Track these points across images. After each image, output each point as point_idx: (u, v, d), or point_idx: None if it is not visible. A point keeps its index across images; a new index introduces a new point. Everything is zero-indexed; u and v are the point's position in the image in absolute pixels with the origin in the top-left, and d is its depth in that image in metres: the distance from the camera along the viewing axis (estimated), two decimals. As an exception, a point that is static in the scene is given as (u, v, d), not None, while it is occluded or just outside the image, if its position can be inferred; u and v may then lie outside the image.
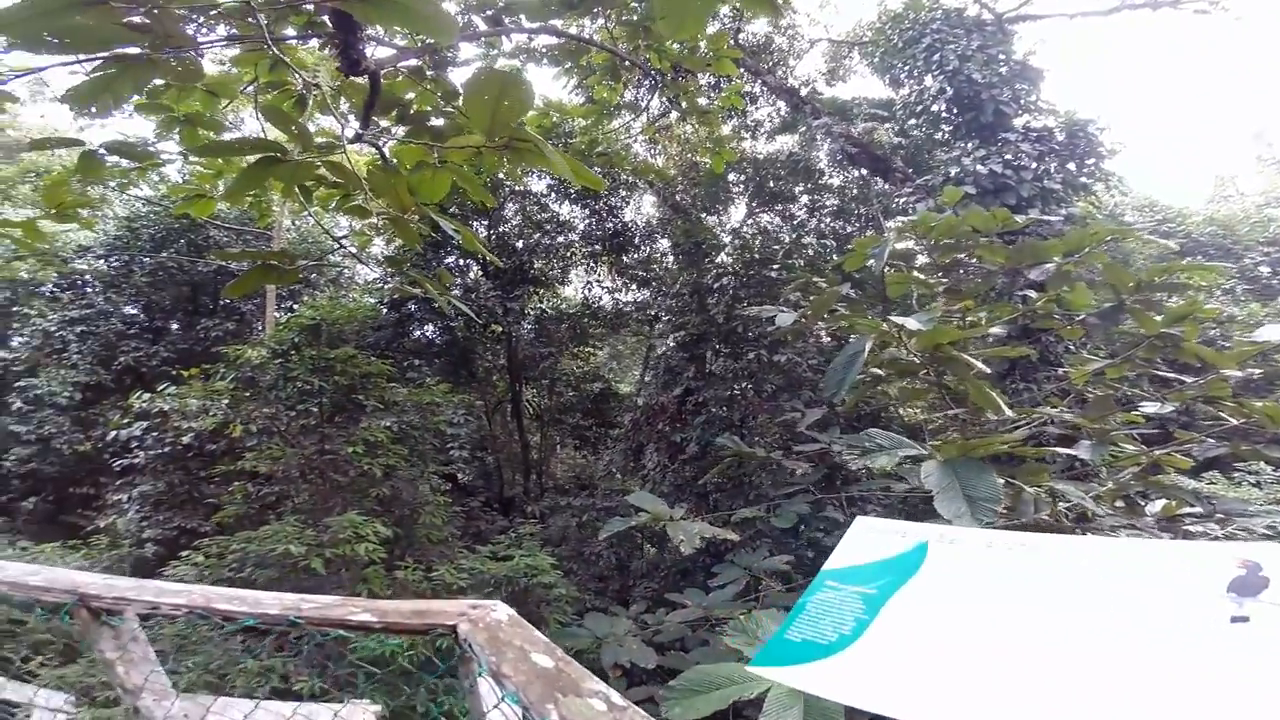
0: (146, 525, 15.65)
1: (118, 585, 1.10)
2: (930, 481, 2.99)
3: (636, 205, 18.72)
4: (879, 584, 1.11)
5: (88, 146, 2.93)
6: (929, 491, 5.08)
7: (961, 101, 11.83)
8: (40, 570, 1.17)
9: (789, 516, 5.36)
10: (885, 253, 4.65)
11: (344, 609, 1.02)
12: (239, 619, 1.03)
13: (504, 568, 9.56)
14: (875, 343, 3.73)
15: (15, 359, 22.12)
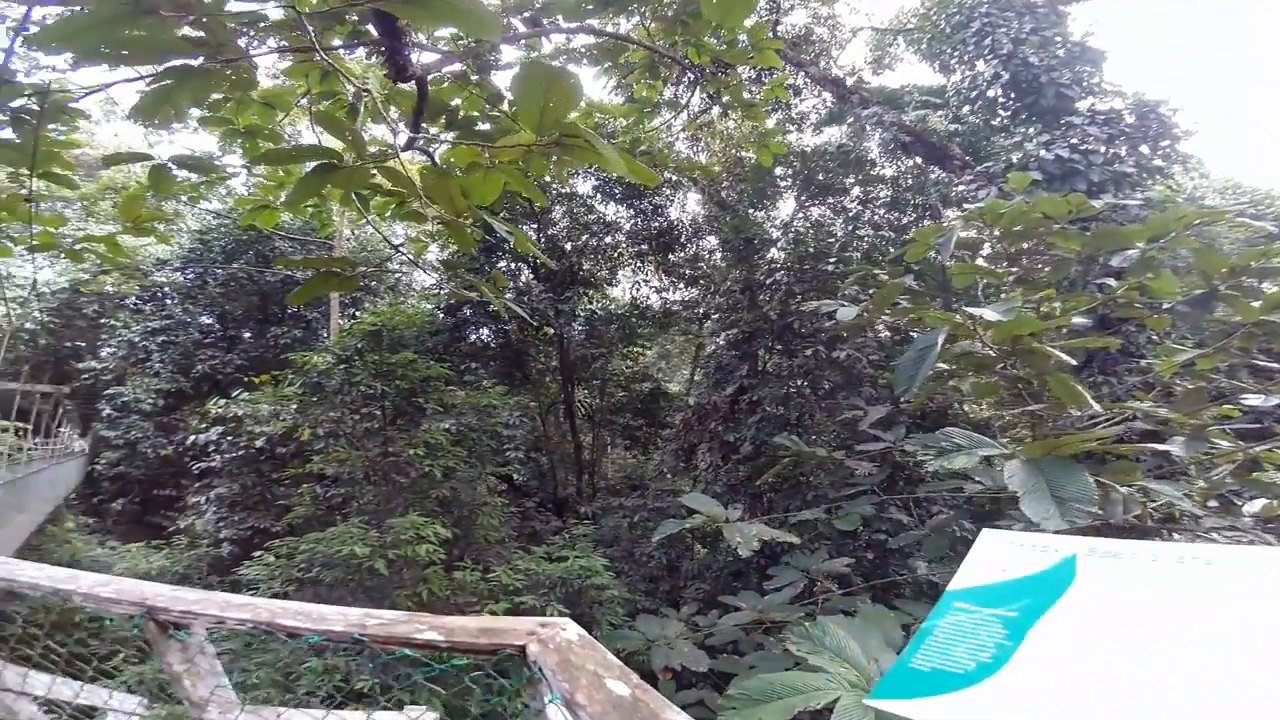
0: (223, 525, 16.53)
1: (184, 598, 1.09)
2: (1014, 482, 2.78)
3: (681, 203, 18.62)
4: (1020, 605, 0.98)
5: (157, 161, 3.03)
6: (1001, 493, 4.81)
7: (1019, 86, 11.35)
8: (111, 581, 1.17)
9: (852, 519, 5.15)
10: (951, 242, 4.40)
11: (409, 626, 0.97)
12: (303, 635, 0.99)
13: (558, 569, 9.61)
14: (946, 336, 3.52)
15: (104, 369, 23.78)
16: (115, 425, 22.26)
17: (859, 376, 9.08)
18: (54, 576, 1.21)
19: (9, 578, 1.23)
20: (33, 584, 1.19)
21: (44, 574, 1.24)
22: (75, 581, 1.19)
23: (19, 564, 1.30)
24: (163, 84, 1.72)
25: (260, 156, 2.11)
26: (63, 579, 1.21)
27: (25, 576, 1.21)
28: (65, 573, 1.24)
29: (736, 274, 13.35)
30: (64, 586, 1.16)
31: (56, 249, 4.13)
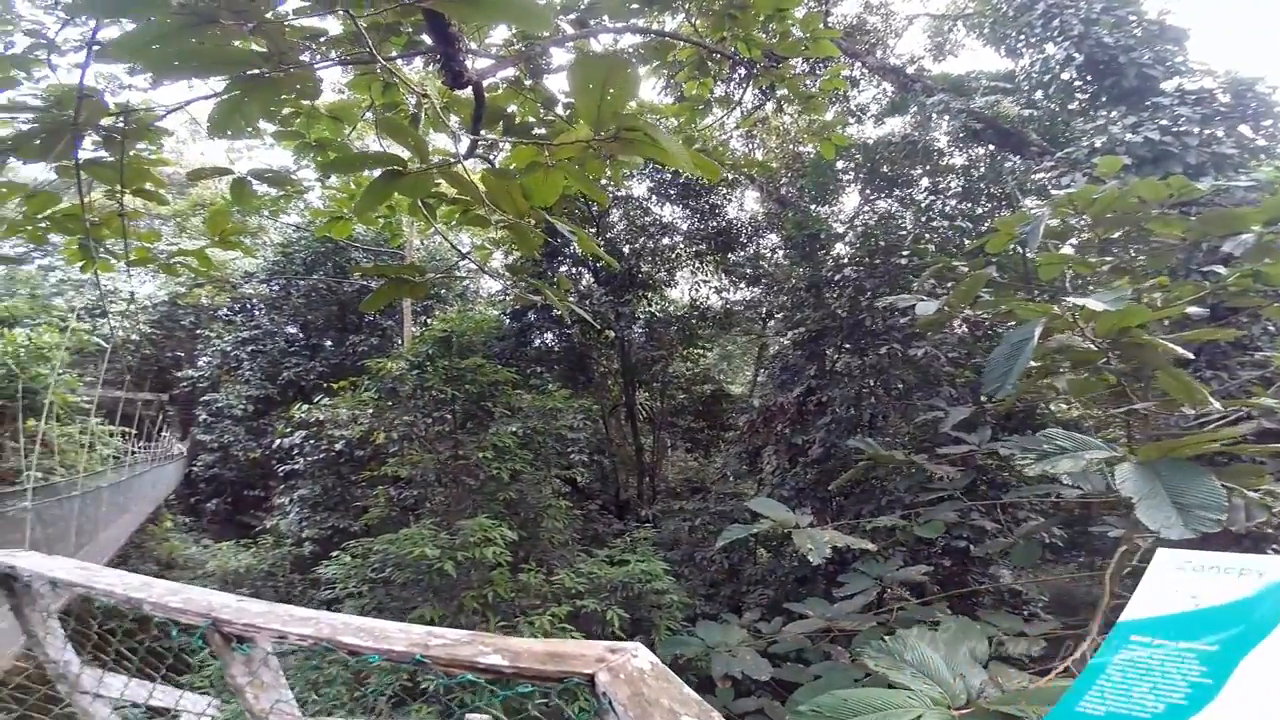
0: (305, 525, 17.39)
1: (249, 610, 1.07)
2: (1128, 487, 2.51)
3: (739, 202, 18.33)
4: (1221, 637, 0.82)
5: (237, 175, 3.16)
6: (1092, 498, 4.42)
7: (1095, 68, 10.75)
8: (180, 590, 1.17)
9: (935, 525, 4.85)
10: (1039, 231, 4.10)
11: (473, 648, 0.90)
12: (365, 654, 0.94)
13: (619, 573, 9.58)
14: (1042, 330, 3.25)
15: (201, 376, 25.57)
16: (210, 430, 23.88)
17: (936, 376, 8.62)
18: (128, 584, 1.22)
19: (86, 584, 1.25)
20: (108, 591, 1.20)
21: (120, 581, 1.25)
22: (147, 590, 1.19)
23: (97, 571, 1.33)
24: (232, 95, 1.75)
25: (329, 164, 2.15)
26: (136, 586, 1.21)
27: (102, 583, 1.23)
28: (139, 580, 1.25)
29: (800, 271, 12.98)
30: (136, 595, 1.17)
31: (152, 263, 4.39)
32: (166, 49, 1.44)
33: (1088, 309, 2.87)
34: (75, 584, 1.28)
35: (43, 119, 2.25)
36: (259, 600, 1.14)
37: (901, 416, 9.50)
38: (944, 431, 5.46)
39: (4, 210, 3.34)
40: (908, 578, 5.18)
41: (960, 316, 6.80)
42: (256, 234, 21.18)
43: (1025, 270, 5.35)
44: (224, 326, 26.01)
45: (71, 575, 1.30)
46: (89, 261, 3.89)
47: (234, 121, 1.80)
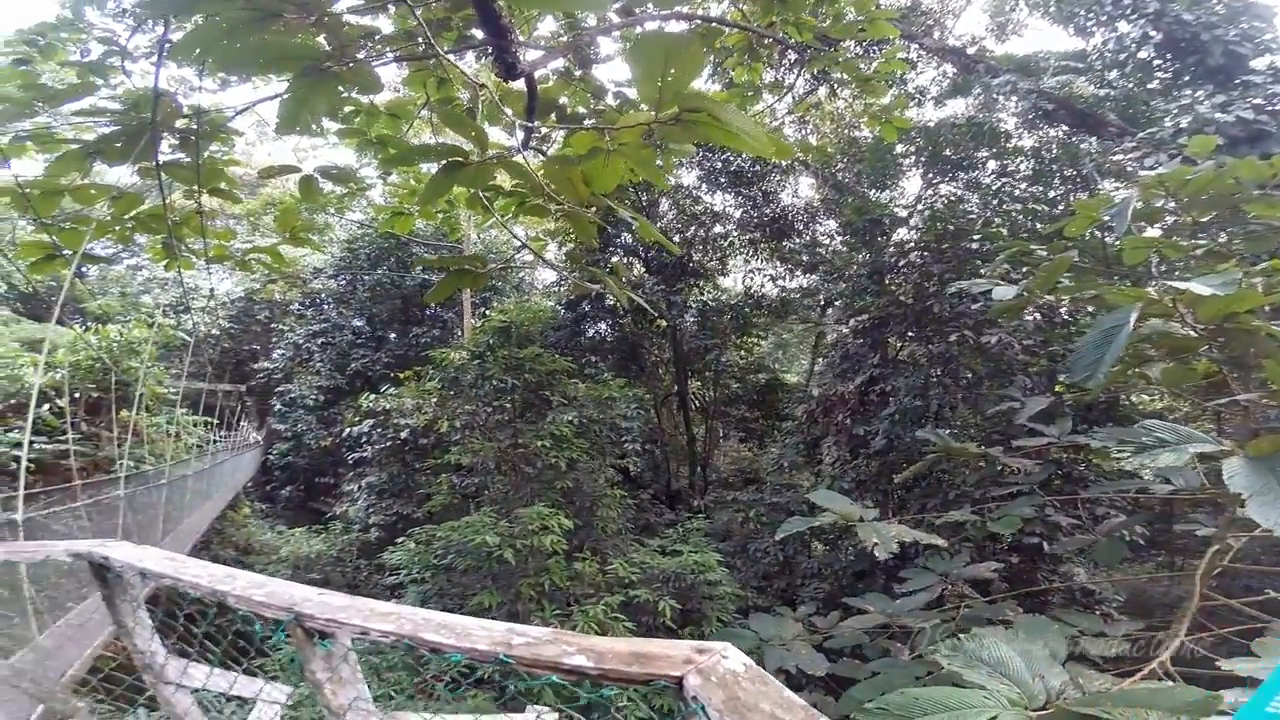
0: (372, 512, 18.11)
1: (331, 604, 1.07)
2: (1237, 482, 2.30)
3: (793, 188, 17.89)
4: None
5: (305, 173, 3.26)
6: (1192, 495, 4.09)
7: (1175, 46, 10.27)
8: (265, 584, 1.18)
9: (1010, 520, 4.60)
10: (1127, 213, 3.83)
11: (556, 647, 0.87)
12: (446, 653, 0.92)
13: (672, 564, 9.57)
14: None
15: (275, 368, 26.91)
16: (285, 419, 25.12)
17: (1009, 364, 8.18)
18: (214, 575, 1.24)
19: (175, 576, 1.28)
20: (194, 583, 1.23)
21: (205, 573, 1.28)
22: (232, 582, 1.21)
23: (184, 562, 1.36)
24: (298, 91, 1.77)
25: (394, 158, 2.18)
26: (221, 578, 1.24)
27: (189, 575, 1.26)
28: (223, 572, 1.28)
29: (860, 258, 12.57)
30: (221, 587, 1.19)
31: (229, 260, 4.61)
32: (233, 44, 1.47)
33: (1191, 293, 2.63)
34: (164, 575, 1.31)
35: (122, 120, 2.35)
36: (339, 594, 1.14)
37: (970, 408, 9.09)
38: (1019, 423, 5.18)
39: (92, 212, 3.53)
40: (975, 574, 4.96)
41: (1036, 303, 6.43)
42: (324, 231, 22.04)
43: (1105, 255, 5.04)
44: (295, 320, 27.27)
45: (160, 566, 1.34)
46: (172, 259, 4.11)
47: (300, 117, 1.82)
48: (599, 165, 2.05)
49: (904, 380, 9.22)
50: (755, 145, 1.74)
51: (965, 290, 4.86)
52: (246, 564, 16.36)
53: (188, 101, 2.86)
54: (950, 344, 8.39)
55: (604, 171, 2.05)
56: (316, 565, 17.28)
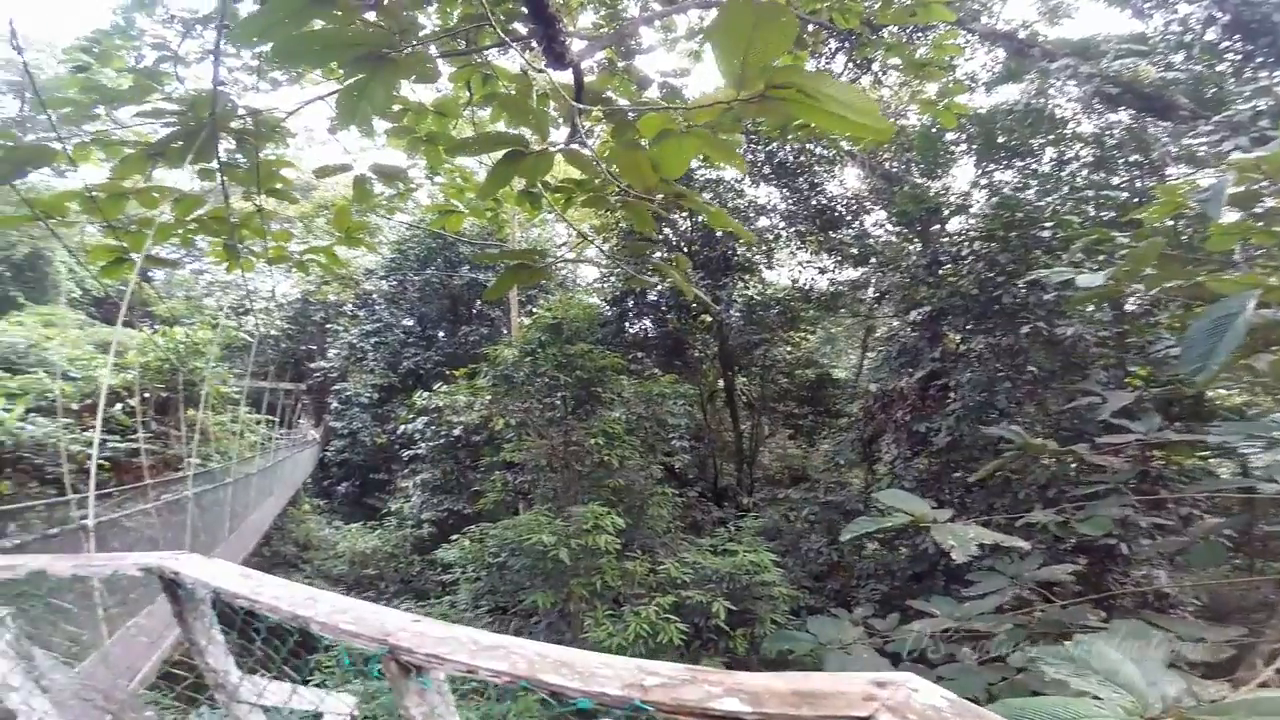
0: (425, 508, 18.47)
1: (429, 635, 0.96)
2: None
3: (839, 179, 17.40)
4: None
5: (358, 172, 3.24)
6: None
7: (1245, 27, 9.78)
8: (349, 607, 1.09)
9: (1100, 522, 4.28)
10: (1223, 197, 3.53)
11: (698, 689, 0.74)
12: (570, 697, 0.79)
13: (726, 563, 9.34)
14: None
15: (331, 367, 27.76)
16: (341, 416, 25.88)
17: (1081, 358, 7.69)
18: (294, 598, 1.15)
19: (251, 597, 1.20)
20: (273, 606, 1.15)
21: (285, 594, 1.20)
22: (314, 606, 1.11)
23: (261, 580, 1.28)
24: (356, 80, 1.69)
25: (455, 146, 2.11)
26: (301, 601, 1.14)
27: (266, 597, 1.17)
28: (304, 594, 1.18)
29: (914, 248, 12.11)
30: (302, 612, 1.10)
31: (287, 261, 4.67)
32: (292, 30, 1.40)
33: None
34: (239, 595, 1.23)
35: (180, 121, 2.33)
36: (433, 622, 1.03)
37: (1037, 403, 8.62)
38: (1098, 419, 4.83)
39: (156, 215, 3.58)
40: (1050, 577, 4.66)
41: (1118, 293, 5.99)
42: (375, 233, 22.61)
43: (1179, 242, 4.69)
44: (349, 321, 28.08)
45: (235, 585, 1.26)
46: (233, 261, 4.17)
47: (359, 109, 1.74)
48: (669, 148, 1.90)
49: (970, 375, 8.77)
50: (859, 123, 1.54)
51: (1042, 279, 4.53)
52: (306, 559, 16.95)
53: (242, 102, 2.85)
54: (1020, 336, 7.92)
55: (674, 155, 1.90)
56: (372, 560, 17.73)
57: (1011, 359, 8.48)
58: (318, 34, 1.50)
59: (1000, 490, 8.21)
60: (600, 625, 8.48)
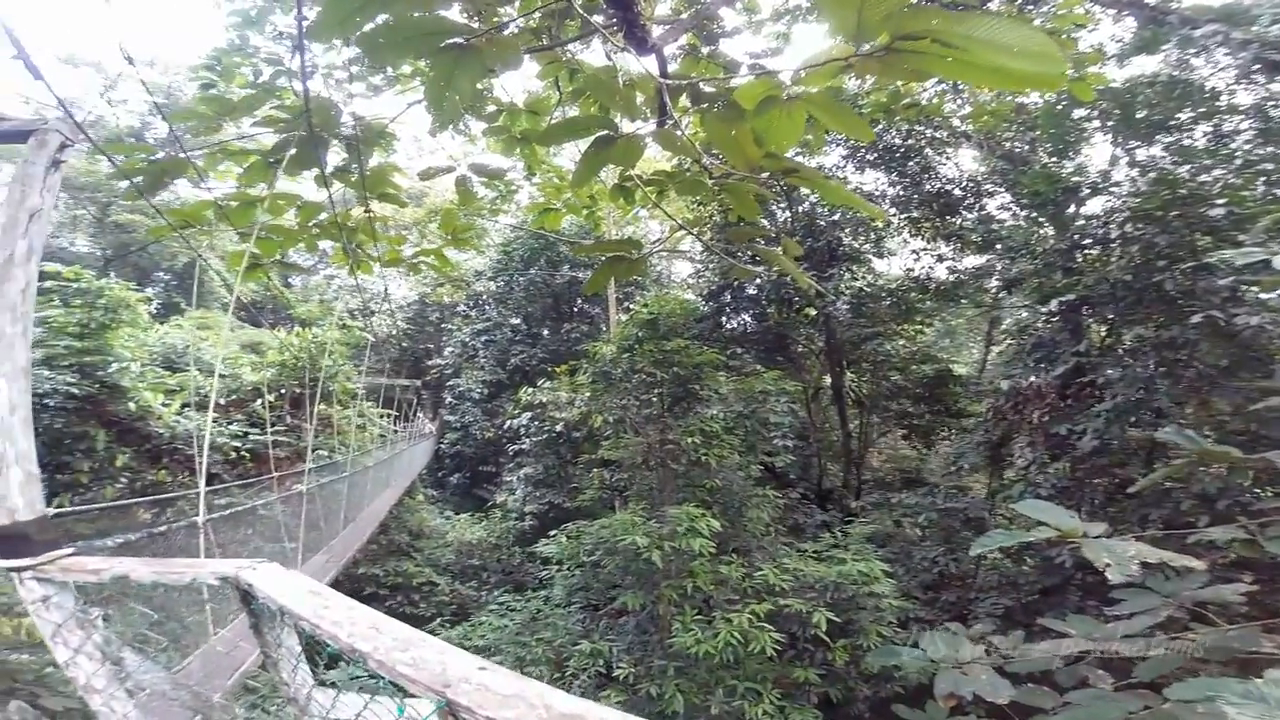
0: (528, 501, 19.08)
1: (493, 691, 0.83)
2: None
3: (955, 161, 16.07)
4: None
5: (460, 172, 3.26)
6: None
7: None
8: (413, 645, 0.99)
9: (1293, 540, 3.56)
10: None
11: None
12: None
13: (832, 572, 8.82)
14: None
15: (446, 365, 29.43)
16: (454, 411, 27.39)
17: (1264, 351, 6.55)
18: (355, 628, 1.08)
19: (313, 620, 1.14)
20: (333, 634, 1.07)
21: (347, 619, 1.13)
22: (375, 638, 1.03)
23: (327, 600, 1.21)
24: (441, 70, 1.63)
25: (546, 133, 2.03)
26: (364, 632, 1.06)
27: (327, 623, 1.11)
28: (367, 623, 1.09)
29: (1046, 231, 10.95)
30: (361, 646, 1.01)
31: (401, 263, 4.86)
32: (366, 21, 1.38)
33: None
34: (302, 618, 1.18)
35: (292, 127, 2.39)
36: (501, 674, 0.90)
37: (1199, 403, 7.47)
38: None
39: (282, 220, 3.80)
40: (1215, 598, 3.95)
41: None
42: (481, 235, 23.68)
43: None
44: (462, 320, 29.70)
45: (301, 604, 1.21)
46: (352, 264, 4.38)
47: (447, 100, 1.68)
48: (775, 119, 1.68)
49: (1120, 371, 7.72)
50: (1026, 72, 1.24)
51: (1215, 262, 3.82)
52: (417, 547, 17.96)
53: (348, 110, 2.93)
54: (1186, 327, 6.84)
55: (782, 126, 1.68)
56: (477, 551, 18.54)
57: (1173, 353, 7.38)
58: (396, 24, 1.44)
59: (1157, 501, 7.19)
60: (688, 630, 8.28)
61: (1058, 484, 8.50)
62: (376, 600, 15.00)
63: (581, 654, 9.34)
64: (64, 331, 8.92)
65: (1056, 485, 8.49)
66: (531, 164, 4.50)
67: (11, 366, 1.89)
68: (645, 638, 9.62)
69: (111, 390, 9.21)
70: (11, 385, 1.89)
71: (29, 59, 2.12)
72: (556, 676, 9.80)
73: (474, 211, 4.87)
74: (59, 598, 1.82)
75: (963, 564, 10.92)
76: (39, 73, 2.21)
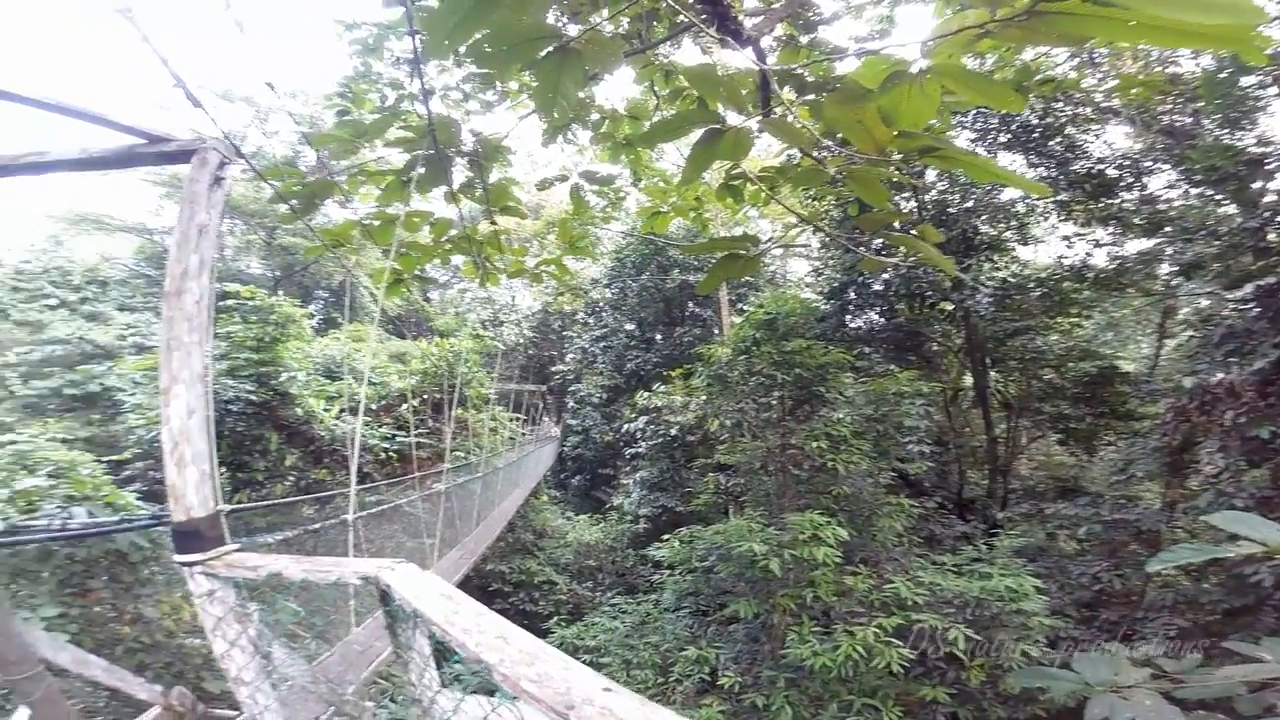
0: (642, 504, 19.28)
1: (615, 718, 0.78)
2: None
3: (1105, 139, 14.24)
4: None
5: (571, 180, 3.33)
6: None
7: None
8: (539, 658, 0.95)
9: None
10: None
11: None
12: None
13: (974, 587, 8.10)
14: None
15: (568, 370, 30.64)
16: (576, 415, 28.42)
17: None
18: (483, 637, 1.07)
19: (444, 626, 1.15)
20: (461, 641, 1.07)
21: (476, 626, 1.12)
22: (502, 648, 1.02)
23: (458, 605, 1.22)
24: (547, 75, 1.66)
25: (650, 132, 2.00)
26: (490, 642, 1.03)
27: (457, 629, 1.10)
28: (495, 631, 1.06)
29: (1227, 210, 9.46)
30: (487, 657, 1.01)
31: (525, 273, 5.08)
32: (470, 30, 1.42)
33: None
34: (433, 622, 1.20)
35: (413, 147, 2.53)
36: (628, 698, 0.86)
37: None
38: None
39: (417, 237, 4.09)
40: None
41: None
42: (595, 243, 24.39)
43: None
44: (581, 328, 30.77)
45: (433, 609, 1.23)
46: (481, 276, 4.63)
47: (556, 104, 1.70)
48: (904, 96, 1.53)
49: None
50: (1208, 29, 1.04)
51: None
52: (540, 546, 18.69)
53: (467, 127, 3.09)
54: None
55: (914, 103, 1.52)
56: (594, 552, 19.00)
57: None
58: (498, 31, 1.48)
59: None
60: (805, 642, 7.91)
61: (1256, 493, 7.29)
62: (500, 597, 15.81)
63: (687, 659, 9.26)
64: (244, 345, 10.22)
65: (1255, 495, 7.28)
66: (636, 169, 4.54)
67: (189, 373, 2.11)
68: (755, 647, 9.35)
69: (282, 397, 10.44)
70: (189, 391, 2.10)
71: (188, 89, 2.40)
72: (660, 681, 9.77)
73: (587, 220, 4.99)
74: (222, 592, 1.99)
75: (1128, 580, 9.94)
76: (198, 101, 2.48)
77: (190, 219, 2.24)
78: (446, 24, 1.40)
